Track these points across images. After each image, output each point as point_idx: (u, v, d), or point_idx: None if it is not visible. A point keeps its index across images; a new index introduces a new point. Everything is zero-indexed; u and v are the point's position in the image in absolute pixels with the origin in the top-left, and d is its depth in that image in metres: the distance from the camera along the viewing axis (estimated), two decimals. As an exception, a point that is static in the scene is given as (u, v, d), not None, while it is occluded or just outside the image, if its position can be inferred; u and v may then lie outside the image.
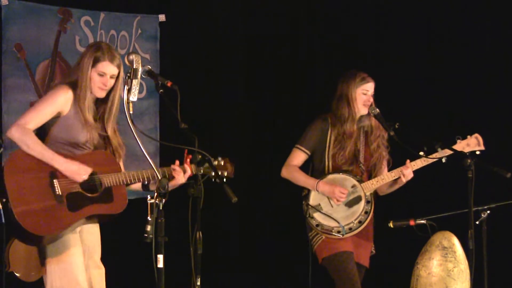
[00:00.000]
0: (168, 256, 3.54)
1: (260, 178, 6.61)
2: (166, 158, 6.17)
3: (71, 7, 6.16)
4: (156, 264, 3.49)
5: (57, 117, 3.92)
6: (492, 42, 6.07)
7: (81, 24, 6.21)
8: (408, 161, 4.73)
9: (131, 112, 3.65)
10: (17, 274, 5.68)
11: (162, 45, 6.54)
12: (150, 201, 3.50)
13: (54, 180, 3.82)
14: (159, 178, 3.57)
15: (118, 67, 4.00)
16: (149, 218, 3.47)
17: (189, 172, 4.04)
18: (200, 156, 3.79)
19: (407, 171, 4.70)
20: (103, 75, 3.96)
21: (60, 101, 3.90)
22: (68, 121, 3.93)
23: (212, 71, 6.64)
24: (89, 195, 3.88)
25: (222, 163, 4.23)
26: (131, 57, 3.68)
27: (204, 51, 6.59)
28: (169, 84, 3.74)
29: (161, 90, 3.75)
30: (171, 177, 4.02)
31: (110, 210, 3.92)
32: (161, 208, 3.48)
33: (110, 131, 4.03)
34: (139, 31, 6.46)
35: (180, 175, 4.02)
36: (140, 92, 6.20)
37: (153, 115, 6.48)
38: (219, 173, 4.05)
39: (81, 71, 3.95)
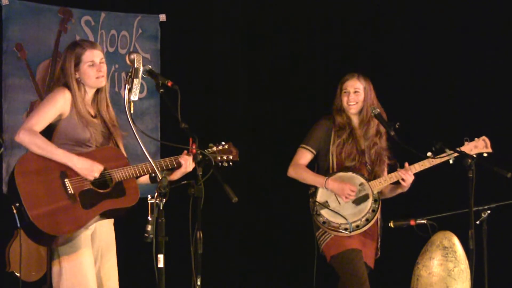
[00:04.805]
0: (169, 256, 3.54)
1: (261, 177, 6.61)
2: (167, 157, 6.19)
3: (71, 7, 6.16)
4: (157, 264, 3.49)
5: (58, 119, 3.94)
6: (494, 42, 6.07)
7: (81, 24, 6.21)
8: (406, 163, 4.74)
9: (132, 111, 3.66)
10: (17, 274, 5.67)
11: (162, 45, 6.54)
12: (150, 201, 3.50)
13: (66, 180, 3.83)
14: (160, 177, 3.56)
15: (101, 50, 4.05)
16: (149, 218, 3.47)
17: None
18: (200, 156, 3.78)
19: (406, 175, 4.70)
20: (93, 64, 3.98)
21: (60, 103, 3.93)
22: (70, 121, 3.95)
23: (213, 71, 6.63)
24: (101, 191, 3.89)
25: (227, 147, 4.24)
26: (132, 56, 3.68)
27: (204, 51, 6.59)
28: (169, 84, 3.73)
29: (161, 90, 3.74)
30: (179, 166, 4.06)
31: (124, 204, 3.93)
32: (161, 208, 3.48)
33: (106, 117, 4.05)
34: (140, 31, 6.46)
35: (188, 162, 4.04)
36: (140, 92, 6.17)
37: (154, 115, 6.48)
38: (221, 158, 4.15)
39: (67, 75, 3.98)
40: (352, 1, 6.52)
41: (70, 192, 3.82)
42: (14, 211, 3.74)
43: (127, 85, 3.67)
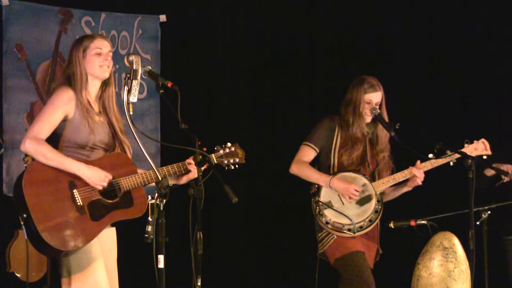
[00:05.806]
0: (169, 256, 3.54)
1: (261, 177, 6.61)
2: (167, 158, 6.20)
3: (71, 7, 6.17)
4: (157, 265, 3.49)
5: (64, 121, 3.82)
6: (495, 43, 6.08)
7: (82, 24, 6.22)
8: (418, 161, 4.72)
9: (131, 113, 3.65)
10: (17, 275, 5.68)
11: (163, 46, 6.54)
12: (150, 201, 3.49)
13: (74, 191, 3.72)
14: (160, 179, 3.55)
15: (111, 45, 3.97)
16: (150, 218, 3.47)
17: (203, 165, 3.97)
18: (200, 157, 3.78)
19: (419, 172, 4.69)
20: (100, 53, 3.88)
21: (64, 104, 3.80)
22: (75, 123, 3.83)
23: (213, 71, 6.64)
24: (109, 201, 3.79)
25: (233, 149, 4.19)
26: (130, 58, 3.67)
27: (204, 51, 6.59)
28: (169, 84, 3.72)
29: (161, 91, 3.73)
30: (187, 171, 4.00)
31: (131, 215, 3.83)
32: (161, 208, 3.48)
33: (114, 121, 3.96)
34: (140, 31, 6.47)
35: (196, 168, 3.91)
36: (140, 92, 6.22)
37: (154, 115, 6.48)
38: (227, 162, 4.10)
39: (74, 64, 3.87)
40: (352, 0, 6.53)
41: (79, 203, 3.71)
42: (22, 222, 3.63)
43: (126, 86, 3.66)
